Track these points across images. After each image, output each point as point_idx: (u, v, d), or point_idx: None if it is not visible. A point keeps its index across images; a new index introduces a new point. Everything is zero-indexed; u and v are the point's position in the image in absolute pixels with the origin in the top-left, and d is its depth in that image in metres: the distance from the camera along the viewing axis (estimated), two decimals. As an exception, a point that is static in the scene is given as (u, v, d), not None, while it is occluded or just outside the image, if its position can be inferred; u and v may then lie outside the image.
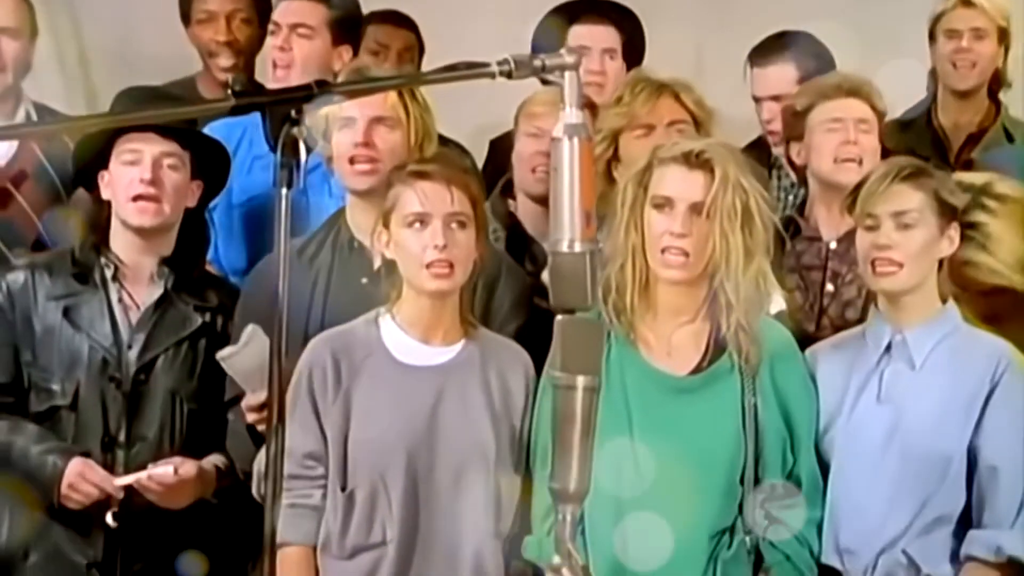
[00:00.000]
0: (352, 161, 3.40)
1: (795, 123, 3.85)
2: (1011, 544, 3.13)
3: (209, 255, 3.88)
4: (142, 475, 3.41)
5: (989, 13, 4.45)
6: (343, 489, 3.17)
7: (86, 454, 3.46)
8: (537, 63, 2.25)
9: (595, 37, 4.29)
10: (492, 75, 2.26)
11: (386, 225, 3.19)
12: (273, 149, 2.24)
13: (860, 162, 3.66)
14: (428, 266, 3.14)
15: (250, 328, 3.23)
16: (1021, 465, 3.16)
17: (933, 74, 4.54)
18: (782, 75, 4.28)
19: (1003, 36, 4.46)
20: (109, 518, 3.43)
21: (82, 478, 3.41)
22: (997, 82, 4.49)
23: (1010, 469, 3.16)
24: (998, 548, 3.14)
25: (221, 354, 3.28)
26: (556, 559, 2.30)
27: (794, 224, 3.87)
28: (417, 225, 3.15)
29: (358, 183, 3.41)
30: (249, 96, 2.23)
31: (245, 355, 3.23)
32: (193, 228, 3.63)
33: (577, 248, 2.22)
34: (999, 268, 3.38)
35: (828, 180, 3.75)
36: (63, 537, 3.51)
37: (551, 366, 2.31)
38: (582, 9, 4.36)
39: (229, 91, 2.16)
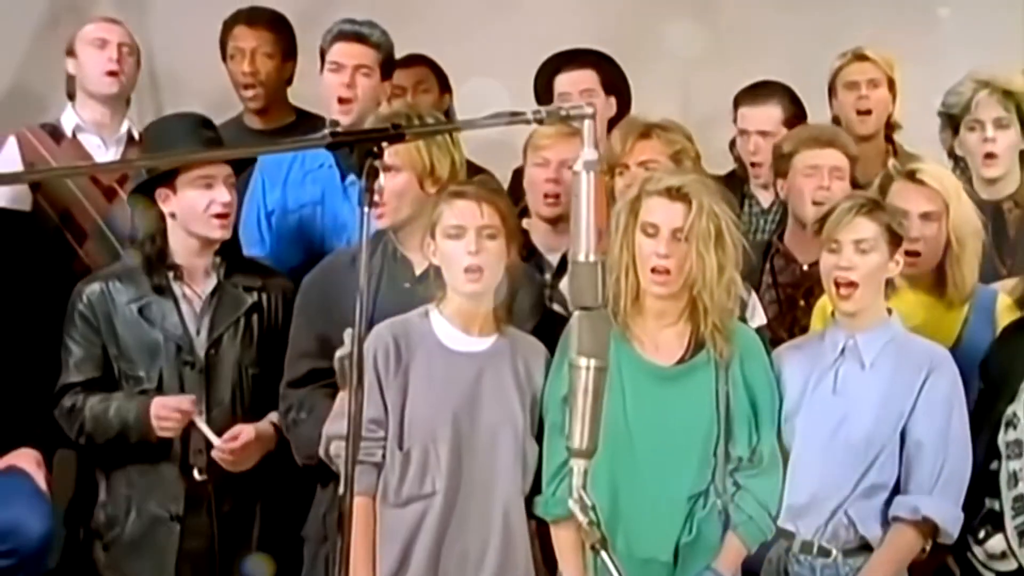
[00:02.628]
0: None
1: (781, 163, 4.31)
2: (927, 506, 3.55)
3: (266, 252, 4.37)
4: (213, 440, 3.86)
5: (880, 65, 4.83)
6: (400, 448, 3.55)
7: None
8: (563, 112, 2.62)
9: (573, 82, 4.68)
10: (528, 122, 2.63)
11: (432, 236, 3.59)
12: (359, 176, 2.56)
13: None
14: (465, 271, 3.54)
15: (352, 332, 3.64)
16: (941, 443, 3.58)
17: (835, 124, 4.81)
18: (769, 114, 4.71)
19: (891, 85, 4.84)
20: (196, 473, 3.91)
21: (163, 405, 3.88)
22: (890, 126, 4.88)
23: (932, 446, 3.58)
24: (915, 509, 3.55)
25: (339, 354, 3.65)
26: (570, 502, 2.61)
27: (774, 247, 4.29)
28: (455, 236, 3.56)
29: (375, 224, 3.77)
30: (343, 135, 2.64)
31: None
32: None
33: (591, 259, 2.56)
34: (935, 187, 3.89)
35: (803, 218, 4.16)
36: (151, 496, 3.97)
37: (571, 351, 2.60)
38: (564, 60, 4.76)
39: (327, 131, 2.62)
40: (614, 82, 4.76)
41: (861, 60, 4.87)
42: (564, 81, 4.74)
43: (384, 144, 2.57)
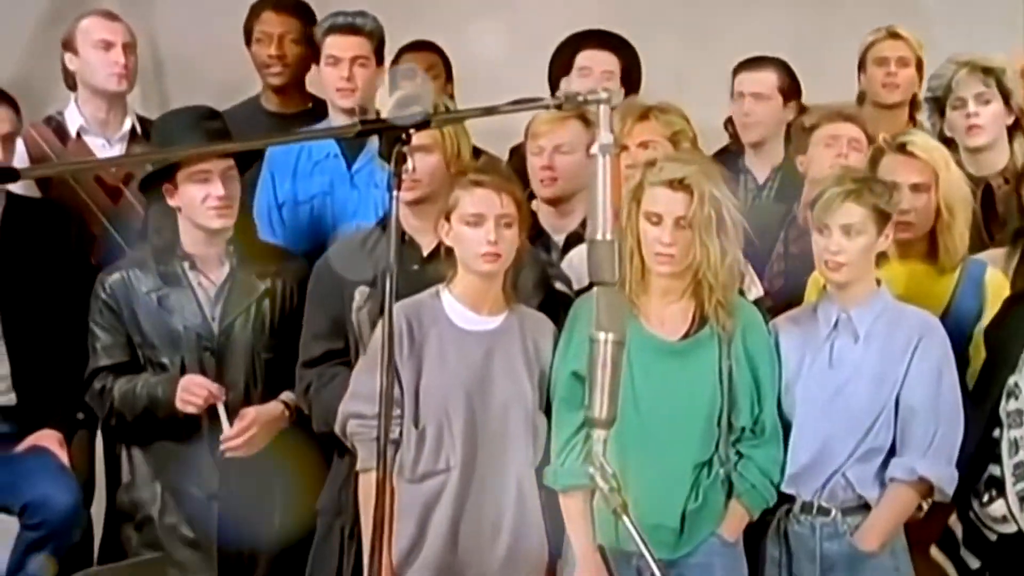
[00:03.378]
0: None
1: (803, 138, 4.44)
2: (923, 467, 3.70)
3: (278, 243, 4.42)
4: (226, 429, 3.96)
5: (911, 44, 4.96)
6: (416, 426, 3.63)
7: None
8: (580, 98, 2.71)
9: (595, 61, 4.79)
10: (548, 107, 2.82)
11: (448, 219, 3.66)
12: (388, 161, 2.67)
13: None
14: (482, 255, 3.62)
15: (366, 290, 3.75)
16: (933, 408, 3.72)
17: (861, 97, 4.99)
18: (767, 79, 4.86)
19: (919, 64, 4.96)
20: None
21: (192, 382, 3.98)
22: (914, 105, 4.98)
23: (925, 410, 3.72)
24: (912, 470, 3.70)
25: (355, 306, 3.79)
26: (591, 470, 2.72)
27: (791, 215, 4.41)
28: (473, 223, 3.63)
29: (404, 198, 3.79)
30: (372, 123, 2.76)
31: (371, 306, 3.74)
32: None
33: (608, 237, 2.65)
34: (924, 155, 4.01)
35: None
36: (185, 477, 4.06)
37: (590, 326, 2.69)
38: (587, 38, 4.87)
39: (357, 120, 2.71)
40: (631, 72, 4.87)
41: (894, 38, 4.99)
42: (586, 58, 4.84)
43: (411, 130, 2.67)
